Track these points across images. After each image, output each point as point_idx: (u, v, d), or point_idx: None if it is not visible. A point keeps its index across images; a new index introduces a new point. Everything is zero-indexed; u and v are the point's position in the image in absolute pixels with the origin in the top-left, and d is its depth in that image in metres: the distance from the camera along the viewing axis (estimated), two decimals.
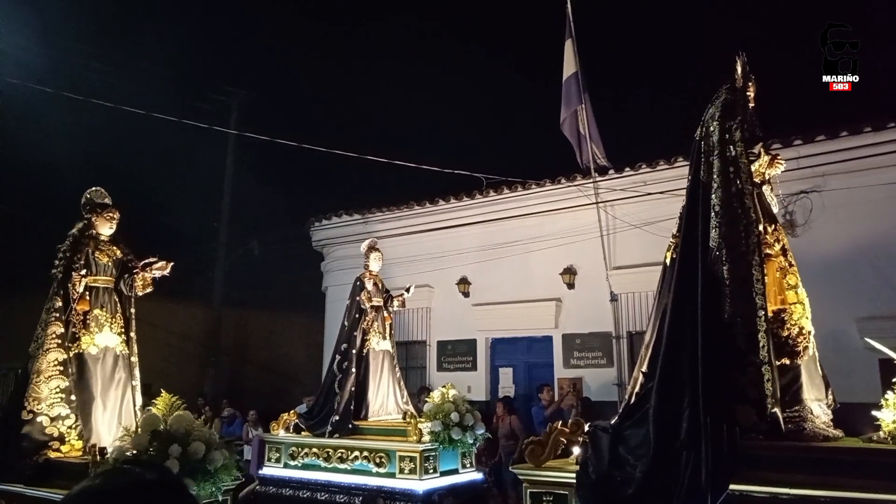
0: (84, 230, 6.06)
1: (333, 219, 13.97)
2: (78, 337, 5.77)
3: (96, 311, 5.90)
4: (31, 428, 5.43)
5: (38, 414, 5.48)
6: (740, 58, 4.50)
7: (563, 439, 4.77)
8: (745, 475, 3.82)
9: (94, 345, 5.81)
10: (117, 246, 6.20)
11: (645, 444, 4.12)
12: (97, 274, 5.97)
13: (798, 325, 4.37)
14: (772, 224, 4.61)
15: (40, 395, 5.52)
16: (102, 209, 6.12)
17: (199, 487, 4.80)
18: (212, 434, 5.18)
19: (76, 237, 6.01)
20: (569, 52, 11.16)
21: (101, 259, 6.01)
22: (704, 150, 4.43)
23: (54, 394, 5.56)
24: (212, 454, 4.89)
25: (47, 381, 5.56)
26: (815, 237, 9.02)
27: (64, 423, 5.54)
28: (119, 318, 6.05)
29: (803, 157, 9.27)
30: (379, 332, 8.53)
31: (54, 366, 5.62)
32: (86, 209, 6.16)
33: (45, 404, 5.51)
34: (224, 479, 5.07)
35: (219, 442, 5.23)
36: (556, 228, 11.36)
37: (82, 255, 5.93)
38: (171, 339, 16.01)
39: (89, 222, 6.09)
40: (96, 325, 5.86)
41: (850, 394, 5.49)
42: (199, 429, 5.02)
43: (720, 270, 4.08)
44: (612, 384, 10.64)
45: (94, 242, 6.04)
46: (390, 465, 7.51)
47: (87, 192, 6.23)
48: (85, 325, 5.82)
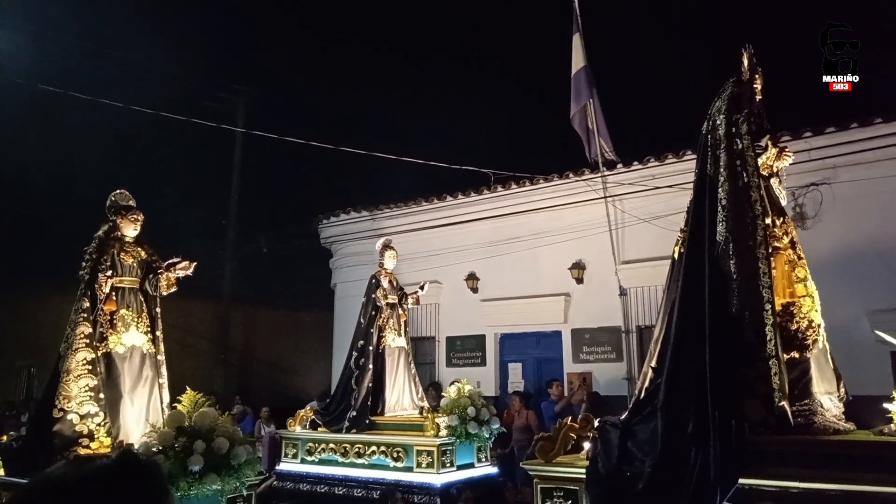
0: (109, 232, 6.18)
1: (342, 216, 13.99)
2: (105, 336, 5.89)
3: (123, 311, 6.02)
4: (62, 425, 5.57)
5: (69, 412, 5.61)
6: (747, 50, 4.47)
7: (573, 435, 4.77)
8: (754, 469, 3.81)
9: (121, 344, 5.93)
10: (142, 247, 6.33)
11: (654, 439, 4.11)
12: (123, 275, 6.09)
13: (807, 318, 4.34)
14: (780, 217, 4.58)
15: (70, 393, 5.65)
16: (127, 211, 6.24)
17: (224, 482, 4.88)
18: (236, 430, 5.27)
19: (102, 239, 6.13)
20: (577, 46, 11.12)
21: (126, 260, 6.13)
22: (711, 144, 4.40)
23: (83, 392, 5.69)
24: (235, 449, 4.98)
25: (77, 380, 5.70)
26: (826, 230, 8.97)
27: (93, 420, 5.67)
28: (145, 318, 6.18)
29: (813, 149, 9.21)
30: (394, 328, 8.65)
31: (83, 365, 5.74)
32: (111, 211, 6.28)
33: (75, 402, 5.64)
34: (248, 475, 5.16)
35: (242, 437, 5.30)
36: (565, 223, 11.34)
37: (108, 256, 6.05)
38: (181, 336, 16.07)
39: (114, 224, 6.21)
40: (123, 324, 5.98)
41: (861, 386, 5.46)
42: (223, 425, 5.10)
43: (727, 265, 4.06)
44: (621, 379, 10.62)
45: (119, 244, 6.16)
46: (408, 459, 7.61)
47: (111, 194, 6.36)
48: (112, 324, 5.94)
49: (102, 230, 6.16)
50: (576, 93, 11.16)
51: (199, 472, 4.76)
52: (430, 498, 7.24)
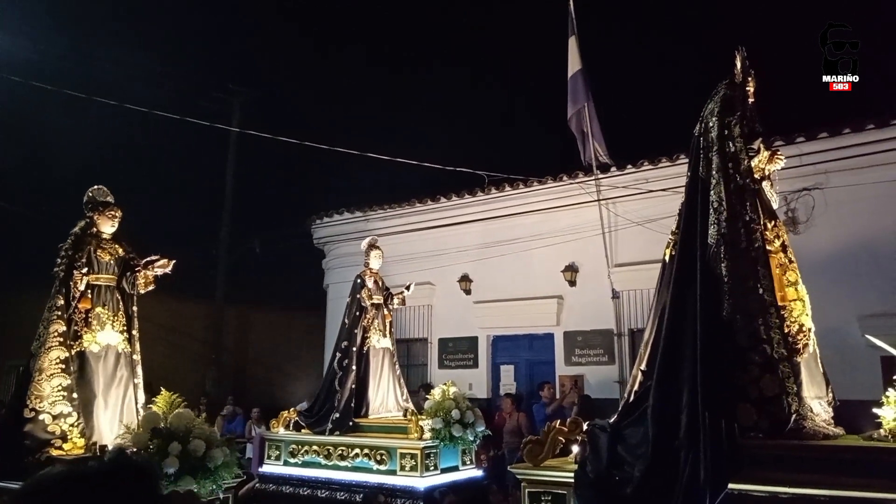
0: (86, 228, 6.04)
1: (335, 216, 13.96)
2: (80, 335, 5.74)
3: (98, 309, 5.88)
4: (34, 426, 5.41)
5: (41, 412, 5.45)
6: (740, 53, 4.46)
7: (562, 438, 4.74)
8: (744, 474, 3.78)
9: (95, 343, 5.79)
10: (119, 244, 6.18)
11: (644, 442, 4.09)
12: (99, 272, 5.95)
13: (798, 321, 4.33)
14: (772, 220, 4.57)
15: (42, 393, 5.50)
16: (104, 207, 6.09)
17: (200, 485, 4.80)
18: (212, 432, 5.18)
19: (78, 235, 5.99)
20: (573, 49, 11.15)
21: (103, 257, 5.99)
22: (703, 147, 4.39)
23: (56, 392, 5.54)
24: (212, 452, 4.89)
25: (49, 380, 5.54)
26: (818, 234, 8.99)
27: (66, 421, 5.52)
28: (121, 316, 6.03)
29: (806, 154, 9.24)
30: (379, 329, 8.54)
31: (56, 364, 5.60)
32: (88, 207, 6.13)
33: (48, 402, 5.49)
34: (225, 477, 5.06)
35: (219, 440, 5.22)
36: (558, 226, 11.34)
37: (84, 253, 5.90)
38: (174, 337, 16.04)
39: (91, 220, 6.07)
40: (98, 323, 5.84)
41: (852, 391, 5.47)
42: (199, 426, 5.01)
43: (719, 267, 4.04)
44: (613, 382, 10.62)
45: (96, 241, 6.02)
46: (391, 462, 7.51)
47: (89, 190, 6.20)
48: (87, 323, 5.79)
49: (79, 226, 6.03)
50: (572, 96, 11.18)
51: (175, 474, 4.66)
52: (412, 501, 7.17)
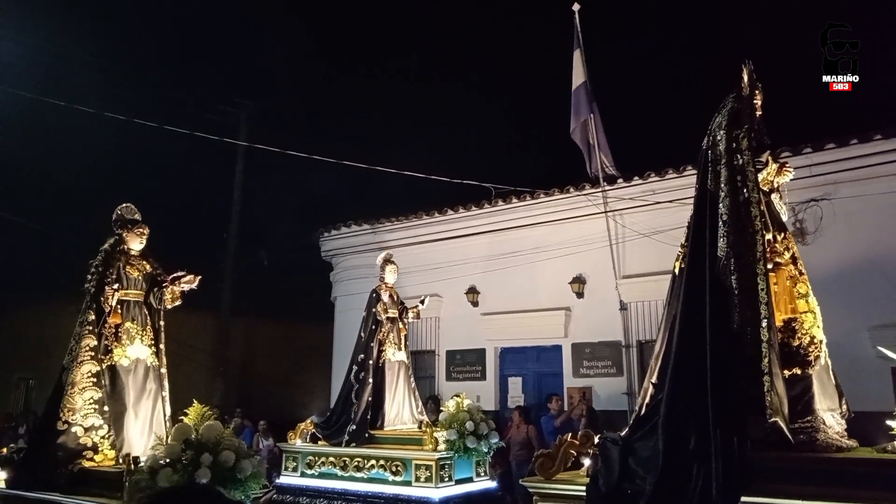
0: (115, 245, 6.21)
1: (342, 229, 13.99)
2: (110, 349, 5.91)
3: (128, 323, 6.04)
4: (66, 438, 5.58)
5: (73, 424, 5.63)
6: (746, 66, 4.48)
7: (573, 451, 4.73)
8: (757, 487, 3.76)
9: (125, 357, 5.94)
10: (147, 260, 6.35)
11: (655, 456, 4.07)
12: (128, 288, 6.11)
13: (809, 334, 4.32)
14: (781, 232, 4.57)
15: (74, 405, 5.67)
16: (133, 225, 6.27)
17: (230, 495, 4.86)
18: (241, 443, 5.26)
19: (108, 252, 6.16)
20: (577, 62, 11.21)
21: (131, 273, 6.15)
22: (711, 160, 4.40)
23: (88, 405, 5.71)
24: (241, 463, 4.98)
25: (81, 393, 5.72)
26: (826, 245, 8.96)
27: (97, 433, 5.68)
28: (149, 331, 6.19)
29: (813, 164, 9.23)
30: (394, 343, 8.65)
31: (88, 377, 5.77)
32: (117, 225, 6.30)
33: (80, 415, 5.66)
34: (253, 487, 5.15)
35: (247, 451, 5.29)
36: (565, 237, 11.34)
37: (114, 269, 6.07)
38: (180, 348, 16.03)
39: (120, 238, 6.24)
40: (128, 337, 6.00)
41: (863, 403, 5.42)
42: (228, 438, 5.09)
43: (728, 280, 4.04)
44: (621, 393, 10.58)
45: (124, 257, 6.19)
46: (406, 473, 7.55)
47: (118, 208, 6.38)
48: (117, 337, 5.96)
49: (108, 243, 6.20)
50: (576, 108, 11.23)
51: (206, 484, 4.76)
52: None
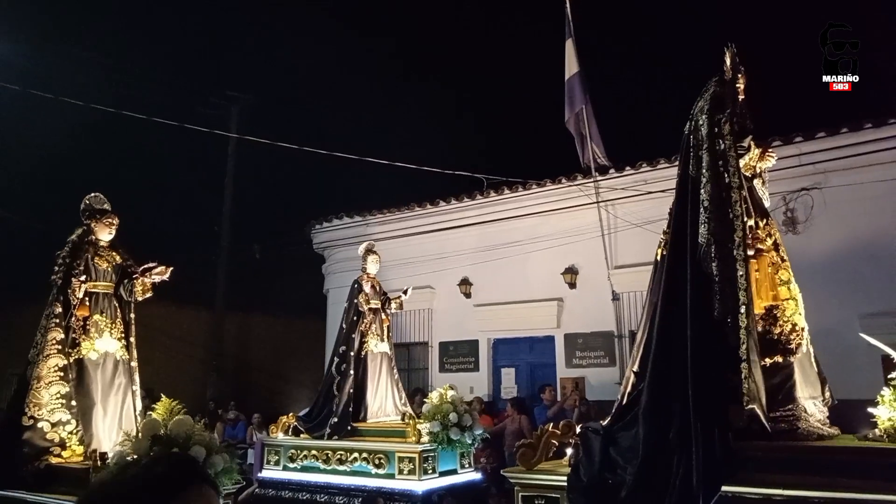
0: (83, 236, 6.06)
1: (334, 221, 13.93)
2: (78, 342, 5.77)
3: (96, 316, 5.90)
4: (32, 434, 5.45)
5: (39, 420, 5.49)
6: (729, 49, 4.41)
7: (555, 441, 4.70)
8: (738, 476, 3.73)
9: (94, 350, 5.81)
10: (116, 251, 6.20)
11: (636, 445, 4.04)
12: (97, 279, 5.97)
13: (791, 321, 4.27)
14: (763, 219, 4.52)
15: (41, 400, 5.53)
16: (102, 215, 6.11)
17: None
18: (212, 438, 5.18)
19: (75, 243, 6.01)
20: (570, 51, 11.14)
21: (100, 265, 6.00)
22: (693, 145, 4.34)
23: (55, 399, 5.57)
24: (212, 458, 4.90)
25: (48, 387, 5.57)
26: (817, 234, 8.94)
27: (65, 428, 5.55)
28: (119, 324, 6.05)
29: (804, 153, 9.19)
30: (377, 334, 8.55)
31: (54, 371, 5.62)
32: (85, 215, 6.14)
33: (46, 410, 5.52)
34: (225, 483, 5.07)
35: (219, 446, 5.21)
36: (558, 228, 11.30)
37: (82, 260, 5.92)
38: (174, 343, 16.03)
39: (88, 228, 6.08)
40: (96, 330, 5.86)
41: (852, 391, 5.38)
42: (199, 433, 5.02)
43: (709, 267, 3.99)
44: (614, 383, 10.52)
45: (93, 248, 6.03)
46: (389, 465, 7.51)
47: (86, 197, 6.21)
48: (85, 330, 5.81)
49: (76, 234, 6.05)
50: (569, 98, 11.18)
51: None
52: None
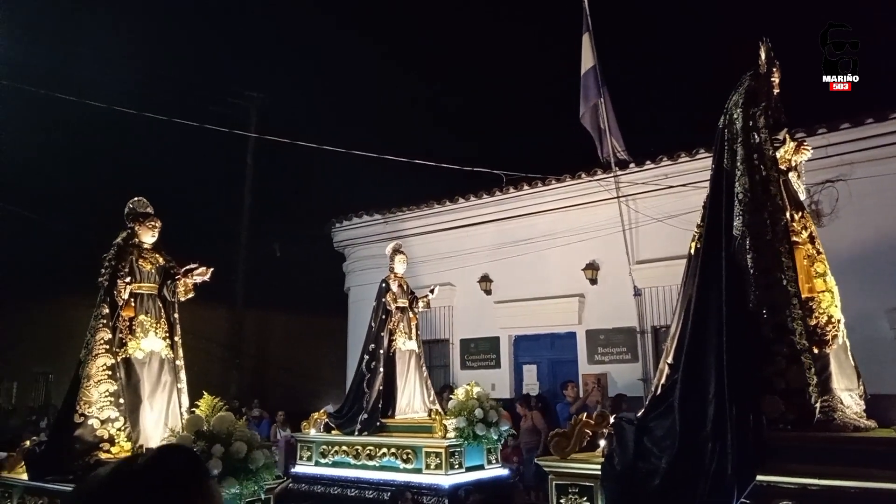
0: (128, 239, 6.21)
1: (354, 219, 14.03)
2: (125, 342, 5.91)
3: (141, 316, 6.04)
4: (83, 430, 5.59)
5: (89, 417, 5.63)
6: (764, 44, 4.43)
7: (589, 431, 4.75)
8: (773, 466, 3.75)
9: (140, 349, 5.95)
10: (159, 253, 6.34)
11: (670, 435, 4.07)
12: (141, 281, 6.11)
13: (827, 313, 4.28)
14: (799, 211, 4.52)
15: (91, 398, 5.68)
16: (145, 218, 6.25)
17: (242, 486, 4.92)
18: (253, 434, 5.30)
19: (120, 246, 6.15)
20: (586, 46, 11.13)
21: (144, 266, 6.15)
22: (728, 138, 4.35)
23: (104, 397, 5.71)
24: (253, 454, 5.03)
25: (97, 385, 5.72)
26: (842, 227, 8.87)
27: (113, 425, 5.69)
28: (163, 323, 6.19)
29: (829, 145, 9.13)
30: (405, 332, 8.72)
31: (103, 370, 5.77)
32: (129, 218, 6.29)
33: (96, 407, 5.66)
34: (266, 478, 5.19)
35: (260, 442, 5.32)
36: (578, 224, 11.31)
37: (127, 263, 6.06)
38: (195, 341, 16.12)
39: (132, 231, 6.23)
40: (142, 330, 6.01)
41: (881, 384, 5.39)
42: (240, 429, 5.14)
43: (744, 259, 4.00)
44: (637, 380, 10.56)
45: (137, 250, 6.18)
46: (417, 460, 7.68)
47: (129, 202, 6.37)
48: (131, 330, 5.96)
49: (121, 237, 6.20)
50: (585, 93, 11.16)
51: (218, 475, 4.79)
52: (438, 499, 7.32)
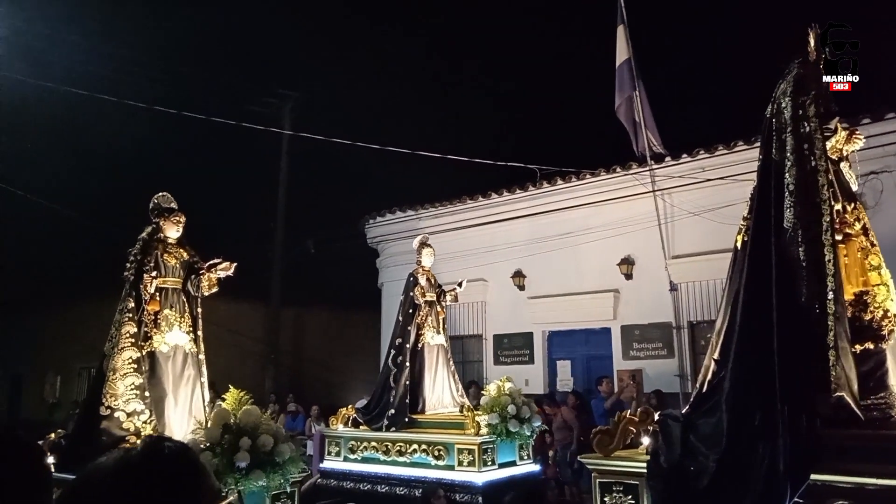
0: (153, 234, 6.27)
1: (387, 215, 14.07)
2: (150, 336, 5.96)
3: (166, 310, 6.09)
4: (109, 423, 5.65)
5: (116, 409, 5.70)
6: (813, 30, 4.30)
7: (632, 428, 4.68)
8: (828, 465, 3.65)
9: (164, 343, 6.00)
10: (184, 248, 6.39)
11: (718, 433, 3.98)
12: (166, 275, 6.16)
13: (882, 307, 4.14)
14: (851, 202, 4.38)
15: (117, 391, 5.74)
16: (169, 213, 6.31)
17: (269, 479, 4.95)
18: (279, 428, 5.34)
19: (146, 241, 6.22)
20: (621, 38, 11.01)
21: (169, 261, 6.20)
22: (776, 128, 4.23)
23: (130, 390, 5.77)
24: (279, 447, 5.07)
25: (123, 378, 5.78)
26: (887, 219, 8.60)
27: (139, 418, 5.74)
28: (187, 318, 6.23)
29: (872, 136, 8.85)
30: (433, 326, 8.63)
31: (129, 364, 5.83)
32: (154, 213, 6.36)
33: (122, 400, 5.73)
34: (292, 471, 5.23)
35: (285, 435, 5.36)
36: (613, 218, 11.18)
37: (152, 257, 6.12)
38: (231, 337, 16.39)
39: (157, 226, 6.29)
40: (166, 324, 6.05)
41: None
42: (266, 422, 5.17)
43: (796, 252, 3.89)
44: (673, 375, 10.42)
45: (162, 245, 6.23)
46: (449, 457, 7.60)
47: (154, 197, 6.43)
48: (156, 324, 6.01)
49: (146, 232, 6.27)
50: (620, 85, 11.05)
51: (245, 468, 4.86)
52: (472, 496, 7.22)
